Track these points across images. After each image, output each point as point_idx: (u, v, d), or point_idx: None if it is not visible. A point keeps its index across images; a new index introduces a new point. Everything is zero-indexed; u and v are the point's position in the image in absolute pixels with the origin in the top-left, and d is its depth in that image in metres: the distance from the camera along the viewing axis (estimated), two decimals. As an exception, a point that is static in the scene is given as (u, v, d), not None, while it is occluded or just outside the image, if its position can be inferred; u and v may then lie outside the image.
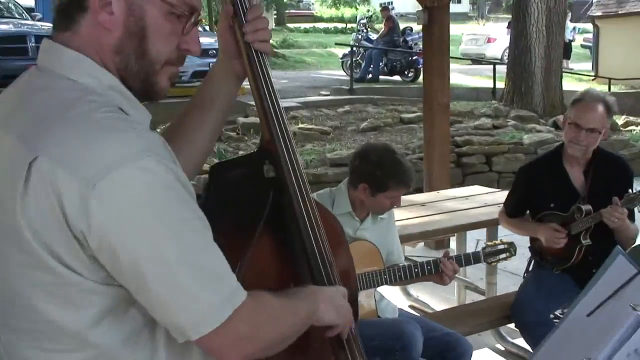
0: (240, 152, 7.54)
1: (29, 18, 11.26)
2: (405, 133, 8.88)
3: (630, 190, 2.70)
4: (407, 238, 3.22)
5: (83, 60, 0.99)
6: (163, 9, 1.01)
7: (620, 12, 15.58)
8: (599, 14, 16.20)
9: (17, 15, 10.98)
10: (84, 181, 0.87)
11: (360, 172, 2.55)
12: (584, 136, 2.77)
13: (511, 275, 4.13)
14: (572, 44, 18.50)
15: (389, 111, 10.05)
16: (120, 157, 0.88)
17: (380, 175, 2.49)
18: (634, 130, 9.93)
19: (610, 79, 13.06)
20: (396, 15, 16.12)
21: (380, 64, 13.61)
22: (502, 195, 4.07)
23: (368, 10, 27.11)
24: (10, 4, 11.49)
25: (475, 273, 3.85)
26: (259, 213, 1.21)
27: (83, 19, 1.00)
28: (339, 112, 9.98)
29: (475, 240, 4.17)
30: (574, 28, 18.77)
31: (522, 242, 3.05)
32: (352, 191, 2.60)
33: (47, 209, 0.88)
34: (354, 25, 29.91)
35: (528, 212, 3.11)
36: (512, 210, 3.12)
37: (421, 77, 13.24)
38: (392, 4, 33.51)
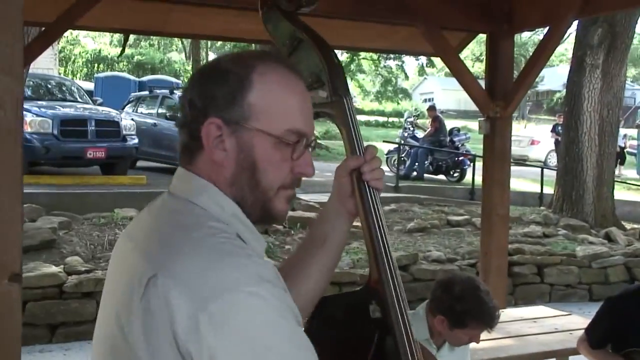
0: (287, 247, 7.48)
1: (90, 102, 11.72)
2: (452, 236, 8.72)
3: None
4: (478, 365, 3.05)
5: (209, 188, 1.07)
6: (271, 141, 1.06)
7: (670, 123, 15.49)
8: (648, 123, 16.12)
9: (79, 99, 11.45)
10: (196, 302, 0.90)
11: (440, 303, 2.45)
12: None
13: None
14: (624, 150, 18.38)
15: (436, 212, 9.94)
16: (235, 281, 0.91)
17: (460, 311, 2.38)
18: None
19: (661, 190, 12.80)
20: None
21: (426, 162, 13.65)
22: (572, 320, 3.90)
23: (415, 109, 27.57)
24: (73, 87, 12.02)
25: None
26: (363, 355, 1.20)
27: (200, 155, 1.08)
28: (385, 210, 9.91)
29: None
30: (624, 135, 18.66)
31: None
32: (431, 318, 2.49)
33: (159, 326, 0.91)
34: (395, 119, 30.42)
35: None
36: (596, 342, 2.94)
37: (467, 177, 13.27)
38: (433, 100, 34.06)
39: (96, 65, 31.17)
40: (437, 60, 23.33)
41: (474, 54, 41.02)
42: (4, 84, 1.51)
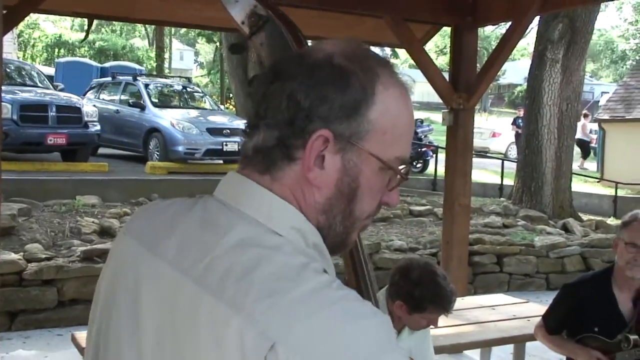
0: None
1: (51, 87, 11.48)
2: (415, 226, 8.84)
3: None
4: (439, 350, 3.12)
5: (292, 211, 0.87)
6: (376, 166, 0.88)
7: (627, 117, 15.92)
8: (606, 117, 16.55)
9: (39, 84, 11.20)
10: None
11: (399, 288, 2.50)
12: None
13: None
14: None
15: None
16: (372, 351, 0.75)
17: (419, 296, 2.43)
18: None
19: (616, 182, 13.17)
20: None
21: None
22: (529, 308, 4.02)
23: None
24: (33, 72, 11.75)
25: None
26: None
27: (289, 169, 0.86)
28: (349, 200, 9.97)
29: (494, 352, 4.06)
30: (591, 130, 18.96)
31: None
32: (390, 304, 2.54)
33: None
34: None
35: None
36: (553, 327, 3.03)
37: (430, 168, 13.45)
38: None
39: (57, 50, 30.51)
40: (401, 52, 23.52)
41: (437, 46, 41.39)
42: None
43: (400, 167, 0.91)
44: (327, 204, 0.88)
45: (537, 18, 10.19)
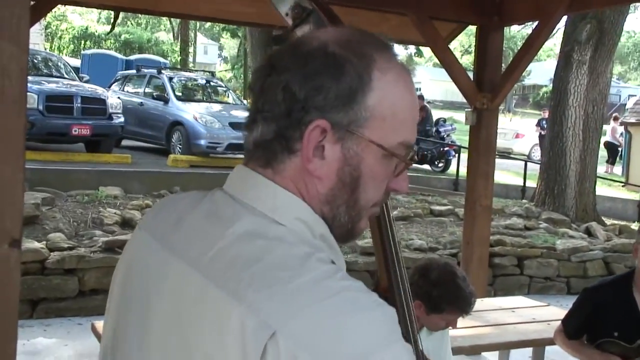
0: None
1: (77, 79, 11.61)
2: (435, 226, 8.80)
3: None
4: (456, 351, 3.11)
5: (296, 203, 0.86)
6: (379, 154, 0.87)
7: (653, 121, 15.68)
8: (633, 120, 16.29)
9: (65, 75, 11.34)
10: None
11: (417, 288, 2.47)
12: None
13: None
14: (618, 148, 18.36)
15: (419, 201, 10.01)
16: (373, 343, 0.75)
17: (437, 297, 2.41)
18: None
19: (641, 187, 12.99)
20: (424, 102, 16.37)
21: (411, 151, 13.71)
22: (550, 312, 3.97)
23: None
24: (60, 63, 11.89)
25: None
26: None
27: (290, 161, 0.86)
28: (369, 198, 9.94)
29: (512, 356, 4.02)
30: (621, 134, 18.60)
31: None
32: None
33: None
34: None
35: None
36: (572, 332, 3.00)
37: (451, 168, 13.37)
38: (420, 90, 34.10)
39: (83, 42, 30.83)
40: (425, 51, 23.37)
41: (462, 45, 41.12)
42: (9, 53, 1.50)
43: (406, 152, 0.90)
44: (330, 194, 0.87)
45: (564, 18, 10.06)
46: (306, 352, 0.73)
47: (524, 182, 12.52)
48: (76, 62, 19.95)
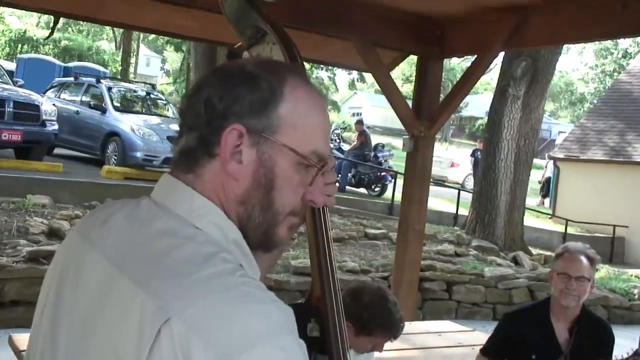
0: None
1: (10, 82, 11.22)
2: (369, 249, 8.89)
3: (617, 356, 2.72)
4: (383, 374, 3.13)
5: (212, 209, 0.94)
6: (294, 160, 0.95)
7: (581, 157, 16.37)
8: (561, 156, 16.98)
9: (-2, 78, 10.95)
10: (220, 354, 0.79)
11: (347, 309, 2.50)
12: (575, 285, 2.83)
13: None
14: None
15: (354, 224, 10.11)
16: (262, 332, 0.81)
17: (367, 320, 2.43)
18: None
19: (567, 220, 13.50)
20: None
21: (349, 175, 13.86)
22: (475, 337, 4.06)
23: (343, 122, 27.91)
24: (-8, 66, 11.48)
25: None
26: None
27: (210, 165, 0.94)
28: (306, 218, 9.97)
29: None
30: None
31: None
32: (338, 323, 2.54)
33: None
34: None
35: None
36: (492, 355, 3.09)
37: (387, 192, 13.57)
38: (361, 114, 34.58)
39: (20, 45, 29.86)
40: (367, 77, 23.78)
41: (404, 74, 42.00)
42: None
43: (318, 162, 0.98)
44: (245, 194, 0.94)
45: (501, 54, 10.45)
46: (197, 337, 0.79)
47: (457, 210, 12.84)
48: (11, 66, 19.27)
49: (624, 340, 4.68)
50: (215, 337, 0.80)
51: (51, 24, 18.33)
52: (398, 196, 10.57)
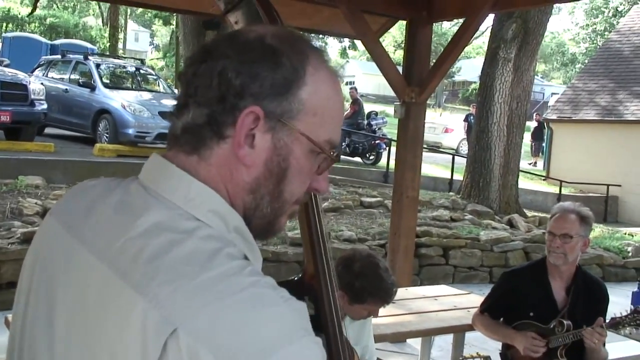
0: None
1: (-5, 62, 11.10)
2: (365, 217, 8.91)
3: (615, 314, 2.76)
4: (380, 338, 3.16)
5: (211, 195, 0.85)
6: (308, 148, 0.88)
7: (574, 117, 16.36)
8: (554, 117, 16.97)
9: (-17, 59, 10.81)
10: None
11: (340, 279, 2.50)
12: (559, 243, 2.88)
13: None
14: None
15: (350, 193, 10.12)
16: (276, 339, 0.74)
17: (359, 287, 2.44)
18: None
19: (561, 181, 13.55)
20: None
21: (343, 144, 13.83)
22: (470, 299, 4.10)
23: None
24: (-23, 46, 11.33)
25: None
26: None
27: (218, 148, 0.85)
28: (300, 189, 9.97)
29: (435, 342, 4.13)
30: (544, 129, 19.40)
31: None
32: (333, 292, 2.55)
33: None
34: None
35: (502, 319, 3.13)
36: (490, 315, 3.13)
37: (382, 160, 13.57)
38: (354, 83, 34.43)
39: (4, 24, 29.45)
40: (359, 44, 23.57)
41: (396, 41, 41.71)
42: None
43: (330, 151, 0.90)
44: (255, 183, 0.86)
45: (491, 17, 10.37)
46: (207, 349, 0.72)
47: (452, 175, 12.86)
48: (-4, 46, 19.06)
49: (618, 298, 4.75)
50: (226, 349, 0.72)
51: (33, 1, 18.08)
52: (393, 164, 10.60)
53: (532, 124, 23.03)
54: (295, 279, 1.28)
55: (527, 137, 18.85)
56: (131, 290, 0.76)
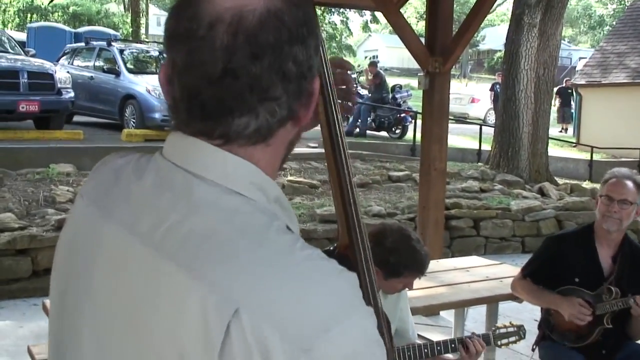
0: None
1: (22, 53, 11.21)
2: (393, 192, 8.88)
3: None
4: (413, 312, 3.15)
5: (247, 167, 0.81)
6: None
7: (603, 81, 16.00)
8: (583, 82, 16.62)
9: (10, 50, 10.93)
10: (297, 342, 0.71)
11: (373, 255, 2.50)
12: (617, 208, 2.82)
13: (511, 352, 4.06)
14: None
15: (377, 168, 10.08)
16: (336, 312, 0.73)
17: (394, 263, 2.42)
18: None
19: (592, 147, 13.30)
20: (381, 70, 16.39)
21: (368, 119, 13.75)
22: (503, 270, 4.06)
23: (359, 65, 27.54)
24: (3, 37, 11.45)
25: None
26: None
27: (283, 129, 0.83)
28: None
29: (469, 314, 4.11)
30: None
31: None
32: (365, 268, 2.55)
33: None
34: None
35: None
36: (532, 278, 3.07)
37: (409, 134, 13.46)
38: (377, 57, 34.02)
39: (29, 15, 29.78)
40: (381, 17, 23.31)
41: (418, 12, 41.11)
42: None
43: None
44: (283, 160, 0.87)
45: (515, -19, 10.13)
46: (271, 325, 0.71)
47: (480, 146, 12.72)
48: (22, 36, 19.24)
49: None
50: (288, 324, 0.72)
51: (57, -9, 18.21)
52: (419, 137, 10.51)
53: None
54: (331, 248, 1.28)
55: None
56: (185, 274, 0.74)
